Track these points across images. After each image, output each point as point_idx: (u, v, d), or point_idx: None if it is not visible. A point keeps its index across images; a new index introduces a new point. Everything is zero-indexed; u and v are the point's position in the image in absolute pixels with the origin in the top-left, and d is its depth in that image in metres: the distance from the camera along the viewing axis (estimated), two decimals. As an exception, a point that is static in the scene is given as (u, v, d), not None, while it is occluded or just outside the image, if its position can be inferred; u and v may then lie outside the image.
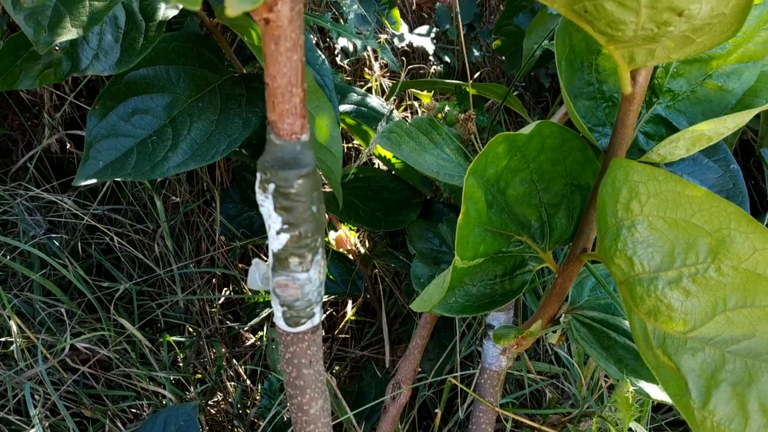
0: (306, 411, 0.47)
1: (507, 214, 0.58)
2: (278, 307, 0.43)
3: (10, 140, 1.49)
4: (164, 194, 1.18)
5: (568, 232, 0.61)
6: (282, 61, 0.36)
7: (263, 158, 0.39)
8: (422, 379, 0.83)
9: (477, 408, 0.68)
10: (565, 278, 0.61)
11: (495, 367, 0.67)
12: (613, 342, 0.61)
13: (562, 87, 0.56)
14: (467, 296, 0.62)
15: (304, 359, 0.45)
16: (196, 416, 0.77)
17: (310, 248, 0.40)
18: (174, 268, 1.10)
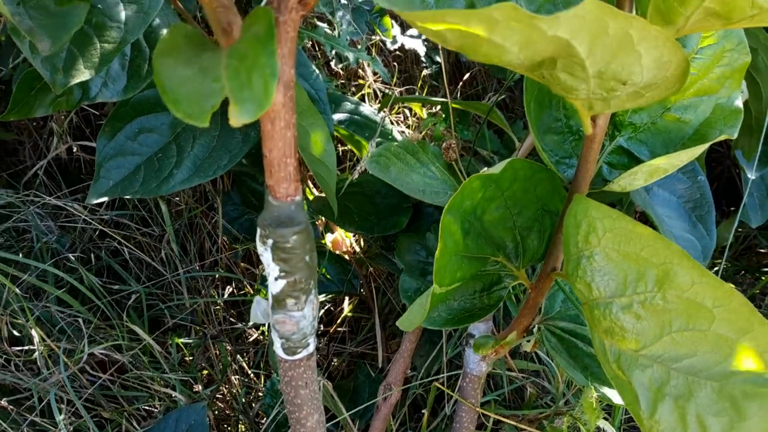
0: (304, 424, 0.54)
1: (484, 239, 0.64)
2: (277, 339, 0.49)
3: (16, 142, 1.54)
4: (168, 199, 1.24)
5: (540, 252, 0.67)
6: (277, 137, 0.42)
7: (262, 217, 0.45)
8: (412, 377, 0.90)
9: (460, 408, 0.75)
10: (537, 293, 0.68)
11: (476, 372, 0.73)
12: (580, 352, 0.67)
13: (530, 126, 0.62)
14: (449, 310, 0.68)
15: (301, 382, 0.51)
16: (205, 415, 0.84)
17: (304, 290, 0.46)
18: (180, 271, 1.16)
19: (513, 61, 0.46)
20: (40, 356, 0.81)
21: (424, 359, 0.96)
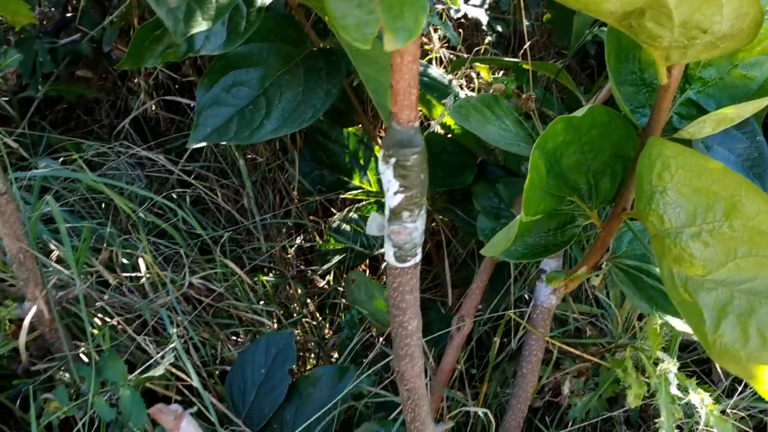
0: (405, 327, 0.62)
1: (561, 180, 0.71)
2: (390, 248, 0.57)
3: (94, 101, 1.65)
4: (245, 154, 1.33)
5: (611, 194, 0.74)
6: (405, 70, 0.49)
7: (385, 140, 0.53)
8: (480, 317, 0.97)
9: (529, 338, 0.83)
10: (607, 232, 0.75)
11: (546, 304, 0.80)
12: (645, 284, 0.74)
13: (610, 76, 0.68)
14: (525, 245, 0.75)
15: (408, 287, 0.59)
16: (292, 341, 0.93)
17: (418, 204, 0.54)
18: (257, 219, 1.25)
19: (608, 9, 0.53)
20: (147, 282, 0.90)
21: (488, 304, 1.03)
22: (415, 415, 0.69)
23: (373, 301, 0.96)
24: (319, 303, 1.25)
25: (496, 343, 0.89)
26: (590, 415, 0.92)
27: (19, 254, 0.71)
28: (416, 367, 0.66)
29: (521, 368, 0.84)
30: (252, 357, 0.93)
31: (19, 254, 0.71)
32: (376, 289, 0.96)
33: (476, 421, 0.94)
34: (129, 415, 0.76)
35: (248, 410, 0.92)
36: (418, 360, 0.65)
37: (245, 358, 0.93)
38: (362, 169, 1.29)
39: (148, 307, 0.86)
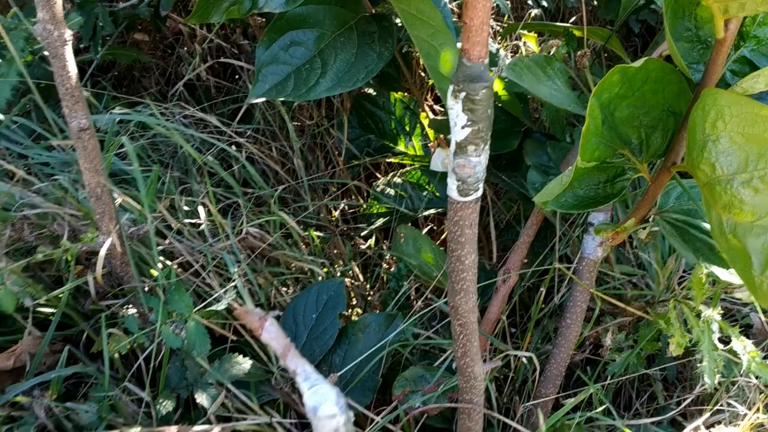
0: (463, 261, 0.65)
1: (614, 132, 0.74)
2: (454, 182, 0.60)
3: (143, 69, 1.70)
4: (293, 116, 1.37)
5: (662, 148, 0.76)
6: (479, 7, 0.52)
7: (455, 75, 0.56)
8: (526, 271, 1.01)
9: (574, 290, 0.86)
10: (656, 186, 0.77)
11: (592, 256, 0.83)
12: (692, 237, 0.76)
13: (666, 31, 0.70)
14: (575, 197, 0.78)
15: (468, 222, 0.62)
16: (343, 288, 0.97)
17: (484, 139, 0.57)
18: (304, 179, 1.29)
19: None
20: (206, 229, 0.95)
21: (531, 262, 1.06)
22: (466, 350, 0.73)
23: (421, 254, 0.99)
24: (363, 263, 1.29)
25: (542, 292, 0.92)
26: (629, 370, 0.95)
27: (97, 188, 0.76)
28: (470, 301, 0.69)
29: (565, 319, 0.87)
30: (304, 303, 0.97)
31: (97, 188, 0.76)
32: (425, 242, 0.99)
33: (517, 373, 0.98)
34: (193, 344, 0.81)
35: (300, 351, 0.96)
36: (472, 295, 0.69)
37: (298, 304, 0.98)
38: (407, 136, 1.33)
39: (209, 250, 0.91)
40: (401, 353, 0.97)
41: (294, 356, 0.43)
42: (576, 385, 1.04)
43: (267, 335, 0.43)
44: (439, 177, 1.28)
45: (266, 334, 0.43)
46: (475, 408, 0.78)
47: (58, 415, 0.82)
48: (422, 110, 1.30)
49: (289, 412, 0.98)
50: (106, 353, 0.80)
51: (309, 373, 0.41)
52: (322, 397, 0.40)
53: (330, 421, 0.40)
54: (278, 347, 0.42)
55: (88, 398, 0.88)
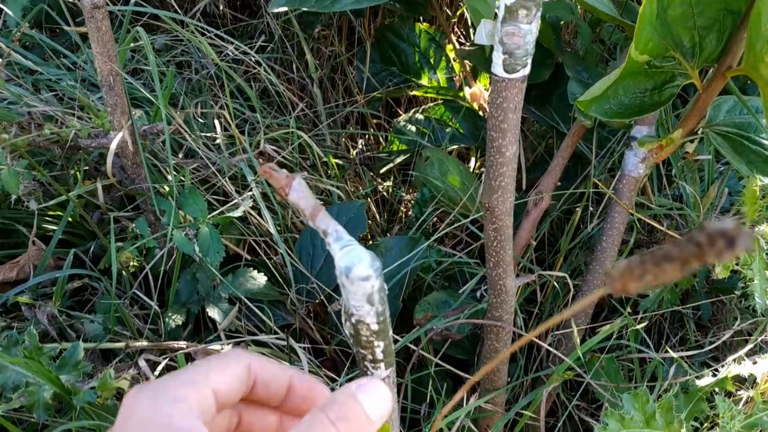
0: (503, 153, 0.60)
1: (667, 30, 0.68)
2: (500, 55, 0.55)
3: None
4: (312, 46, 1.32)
5: (717, 51, 0.70)
6: None
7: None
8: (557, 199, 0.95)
9: (613, 210, 0.80)
10: (708, 94, 0.72)
11: (633, 173, 0.78)
12: (745, 149, 0.71)
13: None
14: (620, 105, 0.73)
15: (512, 104, 0.57)
16: (364, 210, 0.93)
17: (536, 3, 0.52)
18: (321, 108, 1.24)
19: None
20: (223, 143, 0.90)
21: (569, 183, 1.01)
22: (499, 259, 0.68)
23: (447, 177, 0.94)
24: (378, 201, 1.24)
25: (577, 213, 0.87)
26: (663, 306, 0.90)
27: (110, 76, 0.71)
28: (507, 202, 0.64)
29: (601, 242, 0.82)
30: (322, 224, 0.93)
31: (110, 76, 0.71)
32: (452, 164, 0.94)
33: (544, 304, 0.93)
34: (207, 251, 0.76)
35: (316, 276, 0.92)
36: (510, 194, 0.64)
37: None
38: (432, 69, 1.27)
39: (226, 162, 0.86)
40: (423, 280, 0.93)
41: (324, 216, 0.38)
42: (604, 321, 0.99)
43: (295, 194, 0.38)
44: (463, 112, 1.22)
45: (294, 193, 0.38)
46: (504, 326, 0.73)
47: (62, 324, 0.78)
48: (448, 42, 1.24)
49: (303, 339, 0.94)
50: (113, 256, 0.76)
51: (341, 233, 0.37)
52: (356, 257, 0.35)
53: (364, 283, 0.35)
54: (307, 207, 0.37)
55: (94, 311, 0.84)
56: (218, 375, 0.33)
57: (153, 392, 0.30)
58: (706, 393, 0.72)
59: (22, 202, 0.81)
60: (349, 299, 0.36)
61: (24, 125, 0.80)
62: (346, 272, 0.35)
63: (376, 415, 0.33)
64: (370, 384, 0.34)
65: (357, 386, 0.34)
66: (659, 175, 0.99)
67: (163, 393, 0.30)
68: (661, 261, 0.21)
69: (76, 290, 0.90)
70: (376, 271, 0.35)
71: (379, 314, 0.37)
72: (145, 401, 0.30)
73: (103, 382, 0.59)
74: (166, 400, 0.30)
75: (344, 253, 0.36)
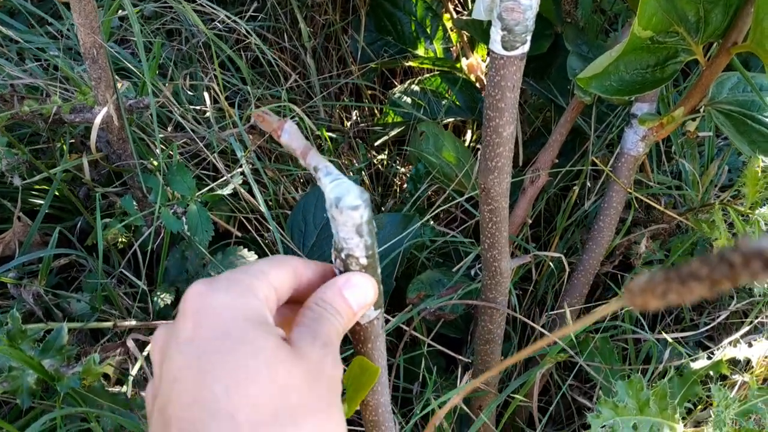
0: (500, 133, 0.58)
1: (671, 4, 0.66)
2: (498, 32, 0.53)
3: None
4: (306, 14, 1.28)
5: (722, 27, 0.68)
6: None
7: None
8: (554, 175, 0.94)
9: (611, 189, 0.79)
10: (711, 71, 0.69)
11: (633, 152, 0.76)
12: (748, 128, 0.69)
13: None
14: (621, 81, 0.71)
15: (510, 83, 0.55)
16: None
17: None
18: (314, 79, 1.21)
19: None
20: (212, 116, 0.88)
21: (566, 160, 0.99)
22: (494, 241, 0.66)
23: (442, 153, 0.92)
24: (373, 174, 1.22)
25: (575, 191, 0.85)
26: (659, 285, 0.89)
27: (93, 49, 0.68)
28: (504, 182, 0.62)
29: (598, 221, 0.81)
30: (315, 200, 0.91)
31: (93, 49, 0.68)
32: (447, 139, 0.92)
33: (539, 283, 0.92)
34: (195, 229, 0.75)
35: (308, 253, 0.90)
36: (506, 175, 0.62)
37: (308, 201, 0.91)
38: (428, 39, 1.24)
39: (216, 137, 0.84)
40: (417, 258, 0.91)
41: (315, 154, 0.38)
42: (599, 300, 0.98)
43: (287, 136, 0.38)
44: (459, 84, 1.20)
45: (285, 135, 0.39)
46: (498, 307, 0.72)
47: (48, 303, 0.76)
48: (445, 11, 1.21)
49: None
50: (99, 235, 0.74)
51: (331, 169, 0.38)
52: (346, 189, 0.35)
53: (353, 212, 0.35)
54: (298, 147, 0.39)
55: (81, 289, 0.82)
56: (275, 272, 0.35)
57: (227, 282, 0.32)
58: (700, 376, 0.71)
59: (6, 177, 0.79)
60: (338, 232, 0.36)
61: (7, 98, 0.78)
62: (336, 202, 0.35)
63: (360, 308, 0.37)
64: (355, 278, 0.37)
65: (343, 281, 0.37)
66: (658, 152, 0.97)
67: (236, 285, 0.32)
68: (687, 279, 0.19)
69: (63, 267, 0.88)
70: (365, 202, 0.35)
71: (368, 247, 0.38)
72: (221, 293, 0.31)
73: (88, 367, 0.58)
74: (243, 292, 0.32)
75: (334, 186, 0.36)
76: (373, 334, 0.44)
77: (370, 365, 0.46)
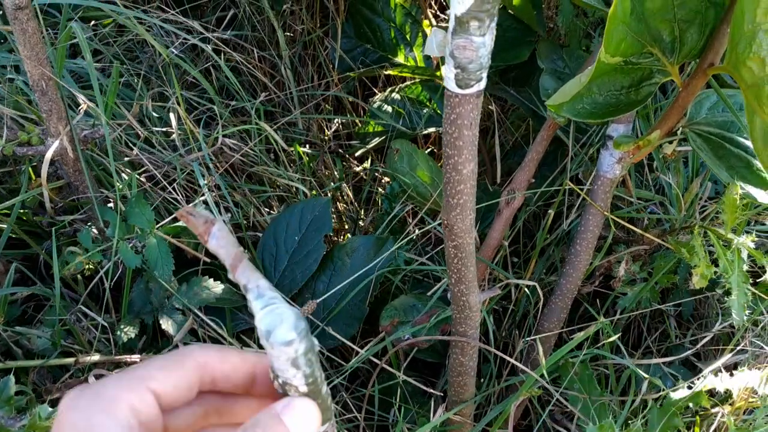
0: (460, 171, 0.55)
1: (643, 25, 0.63)
2: (452, 69, 0.50)
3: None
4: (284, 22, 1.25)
5: (698, 47, 0.65)
6: None
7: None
8: (532, 195, 0.91)
9: (587, 212, 0.76)
10: (688, 92, 0.66)
11: (609, 174, 0.73)
12: (727, 152, 0.66)
13: None
14: (594, 104, 0.68)
15: (467, 121, 0.52)
16: (329, 208, 0.88)
17: (489, 13, 0.46)
18: (293, 90, 1.18)
19: None
20: (178, 138, 0.85)
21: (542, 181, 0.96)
22: (461, 276, 0.64)
23: (416, 172, 0.89)
24: (355, 185, 1.19)
25: (550, 215, 0.82)
26: (641, 305, 0.86)
27: (41, 81, 0.65)
28: (467, 219, 0.60)
29: (574, 245, 0.78)
30: (286, 223, 0.88)
31: (41, 81, 0.65)
32: (421, 159, 0.89)
33: (518, 305, 0.89)
34: (155, 263, 0.72)
35: (279, 278, 0.88)
36: (469, 212, 0.59)
37: (279, 224, 0.88)
38: (408, 46, 1.21)
39: (179, 162, 0.81)
40: (391, 281, 0.89)
41: (246, 268, 0.34)
42: (582, 321, 0.95)
43: (214, 242, 0.34)
44: (440, 92, 1.16)
45: (213, 240, 0.34)
46: (468, 341, 0.70)
47: (7, 340, 0.74)
48: (425, 18, 1.18)
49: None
50: (56, 270, 0.71)
51: (263, 290, 0.33)
52: (278, 318, 0.32)
53: (286, 348, 0.32)
54: (227, 257, 0.34)
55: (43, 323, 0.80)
56: (162, 375, 0.32)
57: (91, 397, 0.30)
58: (680, 408, 0.68)
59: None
60: (273, 362, 0.33)
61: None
62: (266, 336, 0.32)
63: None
64: (295, 403, 0.33)
65: (282, 406, 0.33)
66: (642, 165, 0.94)
67: (97, 402, 0.30)
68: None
69: (27, 297, 0.86)
70: (300, 334, 0.32)
71: (308, 376, 0.34)
72: (77, 412, 0.29)
73: (33, 422, 0.56)
74: (99, 411, 0.30)
75: (265, 314, 0.33)
76: (323, 448, 0.41)
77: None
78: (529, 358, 0.86)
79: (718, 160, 0.66)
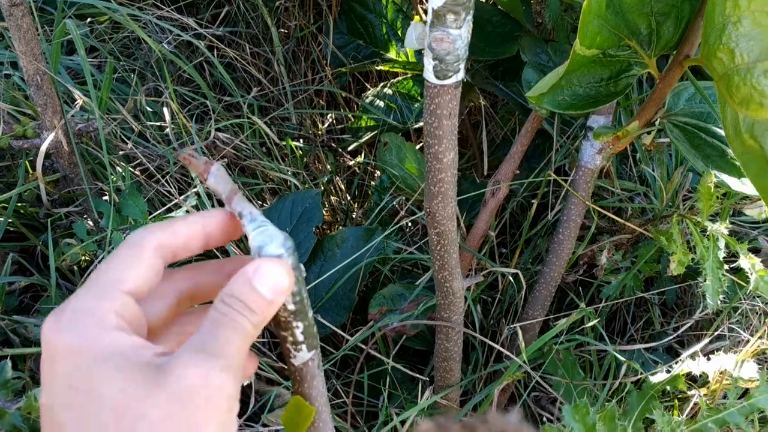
0: (440, 159, 0.57)
1: (620, 18, 0.65)
2: (430, 61, 0.52)
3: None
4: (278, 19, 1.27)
5: (674, 39, 0.67)
6: None
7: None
8: (517, 187, 0.93)
9: (569, 202, 0.78)
10: (665, 84, 0.68)
11: (590, 165, 0.75)
12: (702, 142, 0.68)
13: None
14: (574, 96, 0.70)
15: (446, 111, 0.54)
16: (319, 200, 0.90)
17: (465, 7, 0.48)
18: (286, 85, 1.20)
19: None
20: (171, 132, 0.87)
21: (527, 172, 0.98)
22: (444, 263, 0.66)
23: (405, 164, 0.91)
24: (348, 179, 1.21)
25: (534, 205, 0.84)
26: (625, 293, 0.88)
27: (36, 76, 0.67)
28: (448, 207, 0.62)
29: (557, 234, 0.80)
30: (277, 215, 0.90)
31: (36, 76, 0.67)
32: (410, 151, 0.91)
33: (504, 294, 0.91)
34: (149, 253, 0.74)
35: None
36: (451, 200, 0.61)
37: (269, 216, 0.90)
38: (399, 41, 1.23)
39: (174, 155, 0.83)
40: (380, 271, 0.91)
41: (240, 199, 0.39)
42: (569, 310, 0.97)
43: (212, 180, 0.39)
44: (431, 88, 1.18)
45: (212, 178, 0.39)
46: (453, 327, 0.72)
47: (5, 328, 0.76)
48: (416, 13, 1.20)
49: (264, 333, 0.92)
50: (52, 261, 0.73)
51: (255, 215, 0.38)
52: (268, 237, 0.35)
53: None
54: (224, 191, 0.37)
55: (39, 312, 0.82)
56: (130, 274, 0.32)
57: (71, 315, 0.30)
58: (658, 391, 0.71)
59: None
60: None
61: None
62: (258, 252, 0.35)
63: (275, 295, 0.34)
64: (264, 265, 0.34)
65: (253, 270, 0.34)
66: (625, 155, 0.96)
67: (81, 318, 0.30)
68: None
69: (26, 287, 0.88)
70: (288, 250, 0.35)
71: (295, 294, 0.37)
72: (64, 333, 0.29)
73: (29, 404, 0.58)
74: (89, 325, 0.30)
75: (256, 233, 0.36)
76: (309, 374, 0.43)
77: (305, 405, 0.46)
78: (514, 345, 0.88)
79: (694, 149, 0.68)
